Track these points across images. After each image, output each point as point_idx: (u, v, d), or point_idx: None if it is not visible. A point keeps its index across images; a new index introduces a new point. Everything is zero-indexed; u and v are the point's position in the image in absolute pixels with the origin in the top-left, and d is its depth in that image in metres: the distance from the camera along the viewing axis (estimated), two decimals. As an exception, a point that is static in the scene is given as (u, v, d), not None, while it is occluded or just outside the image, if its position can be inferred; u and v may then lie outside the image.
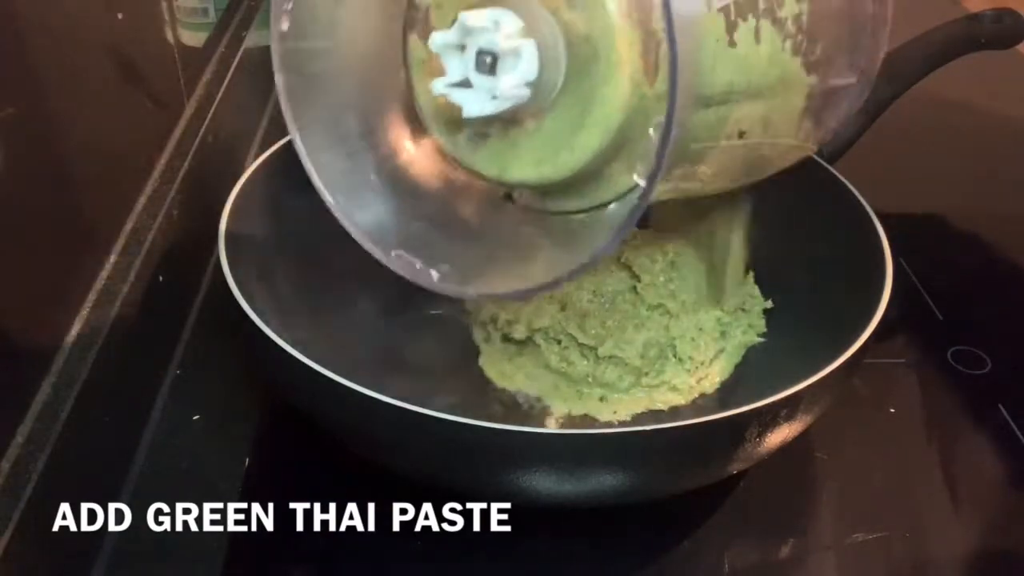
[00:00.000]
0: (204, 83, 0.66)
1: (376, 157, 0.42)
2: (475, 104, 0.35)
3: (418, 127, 0.41)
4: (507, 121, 0.37)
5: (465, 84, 0.35)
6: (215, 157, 0.62)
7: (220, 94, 0.66)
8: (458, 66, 0.35)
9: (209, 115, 0.63)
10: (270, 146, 0.51)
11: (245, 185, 0.48)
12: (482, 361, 0.52)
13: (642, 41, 0.34)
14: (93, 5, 0.50)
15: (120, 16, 0.52)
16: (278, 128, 0.41)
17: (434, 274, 0.38)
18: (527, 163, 0.38)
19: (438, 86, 0.36)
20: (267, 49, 0.39)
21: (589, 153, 0.36)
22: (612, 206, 0.38)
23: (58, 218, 0.45)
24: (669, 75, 0.30)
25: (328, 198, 0.39)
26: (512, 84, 0.34)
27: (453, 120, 0.38)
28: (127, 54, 0.54)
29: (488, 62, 0.34)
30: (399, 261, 0.38)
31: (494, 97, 0.34)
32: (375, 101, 0.42)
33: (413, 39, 0.39)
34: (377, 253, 0.39)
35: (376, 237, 0.39)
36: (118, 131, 0.52)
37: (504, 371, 0.52)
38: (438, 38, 0.35)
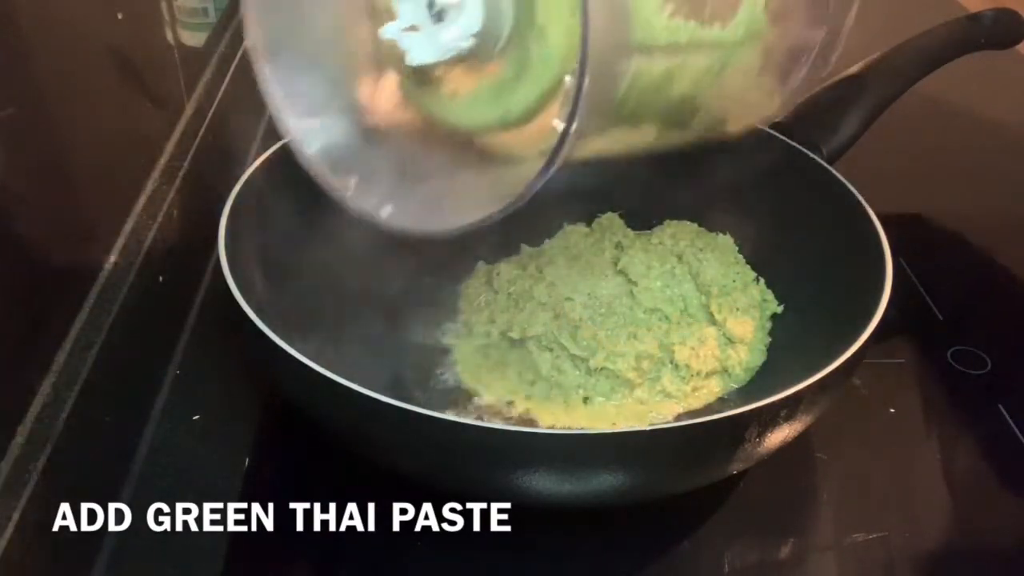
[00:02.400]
0: (204, 83, 0.66)
1: (336, 90, 0.41)
2: (421, 50, 0.36)
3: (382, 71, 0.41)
4: (461, 66, 0.37)
5: (414, 30, 0.36)
6: (215, 157, 0.62)
7: (220, 94, 0.66)
8: (409, 12, 0.36)
9: (209, 115, 0.63)
10: (270, 146, 0.51)
11: (245, 185, 0.48)
12: (460, 369, 0.52)
13: None
14: (93, 5, 0.50)
15: (120, 16, 0.52)
16: (278, 128, 0.41)
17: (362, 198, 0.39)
18: (469, 110, 0.38)
19: (389, 30, 0.36)
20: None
21: (526, 104, 0.36)
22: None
23: (58, 218, 0.45)
24: (581, 16, 0.29)
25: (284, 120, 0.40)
26: (454, 35, 0.35)
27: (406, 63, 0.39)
28: (127, 54, 0.54)
29: (436, 10, 0.35)
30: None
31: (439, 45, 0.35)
32: (339, 39, 0.41)
33: None
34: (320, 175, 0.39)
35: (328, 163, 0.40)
36: (118, 131, 0.52)
37: (481, 379, 0.51)
38: None
